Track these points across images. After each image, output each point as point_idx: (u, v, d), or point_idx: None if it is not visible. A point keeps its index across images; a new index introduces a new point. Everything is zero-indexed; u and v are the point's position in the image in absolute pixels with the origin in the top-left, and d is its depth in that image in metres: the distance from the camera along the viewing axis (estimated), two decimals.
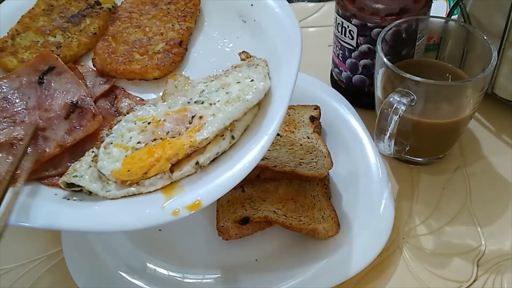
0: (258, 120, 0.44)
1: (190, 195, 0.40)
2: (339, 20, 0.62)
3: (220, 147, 0.43)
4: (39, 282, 0.53)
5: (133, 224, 0.39)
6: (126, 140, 0.44)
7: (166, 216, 0.39)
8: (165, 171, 0.41)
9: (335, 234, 0.53)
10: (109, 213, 0.41)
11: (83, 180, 0.43)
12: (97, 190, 0.42)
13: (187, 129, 0.43)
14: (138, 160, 0.42)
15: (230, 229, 0.52)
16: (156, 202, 0.40)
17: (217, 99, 0.45)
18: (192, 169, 0.42)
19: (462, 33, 0.59)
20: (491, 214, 0.56)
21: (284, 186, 0.56)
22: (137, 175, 0.41)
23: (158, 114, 0.45)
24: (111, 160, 0.43)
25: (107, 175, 0.42)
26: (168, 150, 0.42)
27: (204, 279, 0.52)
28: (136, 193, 0.42)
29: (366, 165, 0.58)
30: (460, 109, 0.55)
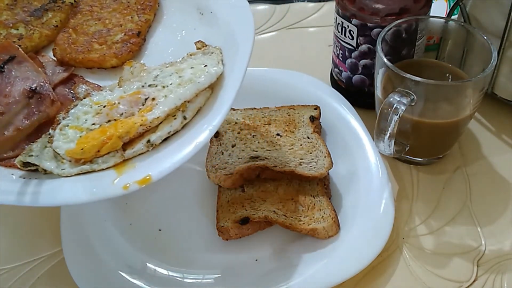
0: (210, 103, 0.46)
1: (141, 171, 0.42)
2: (339, 20, 0.62)
3: (172, 126, 0.44)
4: (39, 282, 0.53)
5: (86, 198, 0.41)
6: (81, 122, 0.46)
7: (116, 190, 0.41)
8: (117, 149, 0.43)
9: (335, 234, 0.53)
10: (63, 188, 0.42)
11: (38, 159, 0.44)
12: (52, 168, 0.44)
13: (140, 110, 0.45)
14: (91, 139, 0.44)
15: (230, 229, 0.52)
16: (108, 178, 0.42)
17: (170, 82, 0.47)
18: (144, 148, 0.44)
19: (462, 33, 0.59)
20: (491, 214, 0.56)
21: (284, 186, 0.56)
22: (90, 153, 0.43)
23: (113, 98, 0.47)
24: (66, 140, 0.45)
25: (61, 154, 0.44)
26: (120, 129, 0.44)
27: (204, 279, 0.52)
28: (89, 170, 0.43)
29: (366, 165, 0.58)
30: (460, 109, 0.55)
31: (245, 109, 0.65)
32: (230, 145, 0.60)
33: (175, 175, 0.60)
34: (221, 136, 0.61)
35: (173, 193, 0.60)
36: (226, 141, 0.60)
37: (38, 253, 0.55)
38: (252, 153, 0.58)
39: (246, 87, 0.68)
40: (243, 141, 0.60)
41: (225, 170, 0.56)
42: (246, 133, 0.61)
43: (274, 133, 0.61)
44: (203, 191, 0.60)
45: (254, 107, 0.65)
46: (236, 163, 0.57)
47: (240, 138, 0.60)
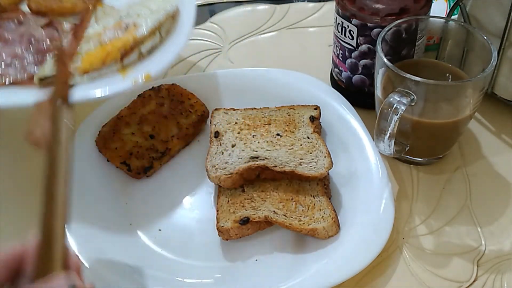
0: (175, 27, 0.62)
1: (141, 71, 0.56)
2: (339, 20, 0.62)
3: (154, 41, 0.59)
4: None
5: (104, 92, 0.54)
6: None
7: (127, 83, 0.55)
8: (117, 59, 0.56)
9: (335, 234, 0.53)
10: (82, 89, 0.54)
11: (53, 73, 0.54)
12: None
13: (125, 32, 0.58)
14: (94, 54, 0.56)
15: (230, 229, 0.52)
16: (117, 78, 0.56)
17: (142, 12, 0.60)
18: (136, 57, 0.58)
19: (462, 33, 0.59)
20: (491, 214, 0.57)
21: (284, 186, 0.56)
22: (97, 64, 0.56)
23: (98, 30, 0.59)
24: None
25: (71, 71, 0.53)
26: (117, 43, 0.57)
27: (204, 279, 0.52)
28: (98, 76, 0.56)
29: (366, 165, 0.58)
30: (460, 109, 0.55)
31: (245, 109, 0.65)
32: (230, 145, 0.60)
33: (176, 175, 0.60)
34: (221, 136, 0.61)
35: (173, 193, 0.60)
36: (226, 141, 0.60)
37: None
38: (252, 153, 0.58)
39: (246, 87, 0.69)
40: (243, 141, 0.60)
41: (225, 170, 0.56)
42: (246, 133, 0.61)
43: (274, 133, 0.61)
44: (203, 191, 0.60)
45: (254, 107, 0.65)
46: (236, 163, 0.57)
47: (240, 138, 0.60)
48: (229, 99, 0.67)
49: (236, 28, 0.84)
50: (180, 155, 0.63)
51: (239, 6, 0.89)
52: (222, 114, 0.64)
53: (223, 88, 0.69)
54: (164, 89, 0.66)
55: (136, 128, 0.63)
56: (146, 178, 0.61)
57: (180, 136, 0.62)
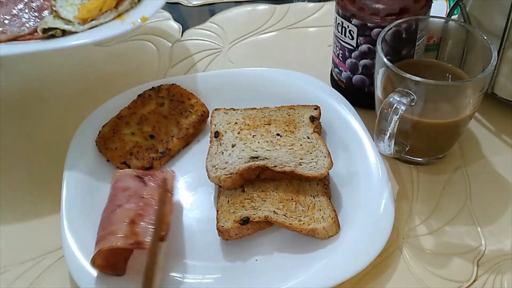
0: None
1: (137, 15, 0.62)
2: (339, 20, 0.62)
3: None
4: (39, 282, 0.53)
5: (105, 34, 0.60)
6: (71, 1, 0.64)
7: (127, 26, 0.61)
8: (112, 7, 0.62)
9: (335, 234, 0.53)
10: (86, 34, 0.60)
11: (56, 24, 0.60)
12: (69, 28, 0.60)
13: None
14: (91, 3, 0.62)
15: (230, 229, 0.52)
16: (116, 23, 0.62)
17: None
18: (128, 5, 0.64)
19: (462, 33, 0.59)
20: (491, 214, 0.56)
21: (284, 186, 0.56)
22: (95, 12, 0.61)
23: None
24: (69, 12, 0.62)
25: (71, 19, 0.61)
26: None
27: (204, 279, 0.51)
28: (97, 24, 0.62)
29: (366, 165, 0.58)
30: (460, 109, 0.55)
31: (245, 109, 0.65)
32: (230, 145, 0.60)
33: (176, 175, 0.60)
34: (221, 136, 0.61)
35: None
36: (226, 141, 0.60)
37: (38, 253, 0.55)
38: (252, 153, 0.58)
39: (246, 87, 0.69)
40: (243, 141, 0.60)
41: (225, 170, 0.56)
42: (246, 133, 0.61)
43: (274, 133, 0.61)
44: (202, 191, 0.60)
45: (254, 107, 0.65)
46: (236, 163, 0.57)
47: (240, 138, 0.60)
48: (229, 99, 0.67)
49: (236, 28, 0.84)
50: (180, 155, 0.63)
51: (239, 6, 0.89)
52: (222, 114, 0.64)
53: (223, 88, 0.69)
54: (164, 89, 0.66)
55: (136, 128, 0.63)
56: None
57: (180, 136, 0.62)
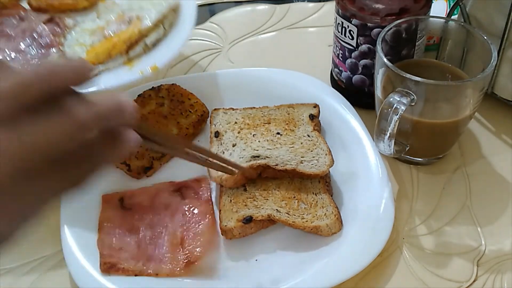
0: (178, 20, 0.63)
1: (147, 63, 0.57)
2: (339, 20, 0.62)
3: (158, 33, 0.60)
4: (39, 282, 0.53)
5: (113, 82, 0.54)
6: (82, 41, 0.59)
7: (135, 74, 0.56)
8: (122, 52, 0.58)
9: (338, 231, 0.53)
10: (90, 81, 0.54)
11: None
12: None
13: (129, 26, 0.59)
14: (100, 47, 0.58)
15: (233, 229, 0.52)
16: (124, 70, 0.57)
17: (145, 5, 0.62)
18: (141, 50, 0.59)
19: (462, 33, 0.59)
20: (491, 214, 0.56)
21: (286, 184, 0.56)
22: (104, 55, 0.57)
23: (100, 23, 0.61)
24: (76, 53, 0.58)
25: None
26: (123, 36, 0.58)
27: (204, 279, 0.51)
28: (104, 69, 0.58)
29: (366, 165, 0.58)
30: (460, 109, 0.55)
31: (244, 109, 0.65)
32: (230, 144, 0.60)
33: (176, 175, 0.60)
34: (221, 136, 0.61)
35: None
36: (227, 141, 0.60)
37: (38, 253, 0.55)
38: (253, 152, 0.58)
39: (246, 87, 0.69)
40: (244, 141, 0.60)
41: None
42: (247, 133, 0.61)
43: (274, 132, 0.61)
44: None
45: (254, 107, 0.65)
46: (237, 162, 0.57)
47: (241, 138, 0.60)
48: (229, 99, 0.67)
49: (236, 28, 0.84)
50: None
51: (239, 6, 0.89)
52: (222, 114, 0.64)
53: (223, 88, 0.69)
54: (164, 89, 0.66)
55: None
56: (146, 178, 0.60)
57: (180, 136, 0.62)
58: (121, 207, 0.56)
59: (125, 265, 0.51)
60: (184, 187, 0.58)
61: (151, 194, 0.58)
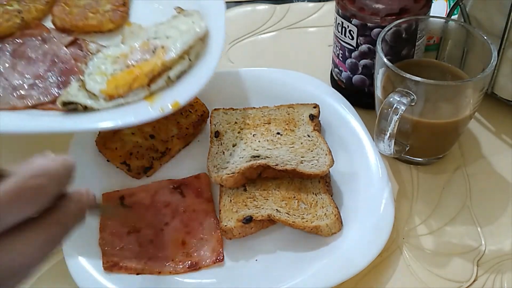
0: (204, 50, 0.58)
1: (169, 98, 0.52)
2: (339, 20, 0.62)
3: (183, 65, 0.55)
4: (39, 282, 0.53)
5: (131, 121, 0.51)
6: (103, 70, 0.55)
7: (155, 112, 0.51)
8: (144, 85, 0.53)
9: (338, 231, 0.53)
10: (108, 116, 0.52)
11: (78, 98, 0.53)
12: (92, 104, 0.52)
13: (153, 56, 0.55)
14: (121, 78, 0.54)
15: (233, 229, 0.52)
16: (144, 106, 0.53)
17: (171, 34, 0.57)
18: (164, 83, 0.54)
19: (462, 33, 0.59)
20: (491, 214, 0.57)
21: (286, 184, 0.56)
22: (124, 89, 0.53)
23: (124, 50, 0.57)
24: (96, 83, 0.54)
25: (97, 93, 0.53)
26: (145, 68, 0.54)
27: (204, 279, 0.51)
28: (124, 103, 0.53)
29: (366, 165, 0.58)
30: (460, 109, 0.55)
31: (244, 109, 0.65)
32: (230, 144, 0.60)
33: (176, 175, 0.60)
34: (221, 136, 0.61)
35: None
36: (227, 141, 0.60)
37: None
38: (253, 152, 0.58)
39: (246, 87, 0.68)
40: (244, 141, 0.60)
41: (226, 169, 0.56)
42: (247, 133, 0.61)
43: (274, 132, 0.61)
44: None
45: (254, 107, 0.65)
46: (237, 162, 0.57)
47: (241, 138, 0.60)
48: (229, 99, 0.67)
49: (236, 28, 0.84)
50: (180, 155, 0.63)
51: (239, 6, 0.89)
52: (222, 114, 0.64)
53: (223, 88, 0.69)
54: None
55: (136, 128, 0.63)
56: (146, 178, 0.60)
57: (180, 136, 0.62)
58: (122, 206, 0.56)
59: (128, 264, 0.51)
60: (184, 185, 0.58)
61: (151, 192, 0.58)
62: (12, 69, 0.57)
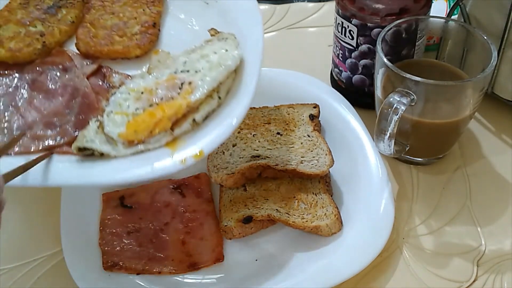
0: (237, 84, 0.50)
1: (193, 147, 0.46)
2: (339, 20, 0.62)
3: (211, 106, 0.48)
4: (39, 282, 0.53)
5: (148, 174, 0.44)
6: (124, 108, 0.48)
7: (176, 164, 0.44)
8: (166, 129, 0.47)
9: (338, 231, 0.53)
10: (124, 167, 0.45)
11: (94, 143, 0.47)
12: (109, 151, 0.46)
13: (179, 93, 0.49)
14: (142, 122, 0.47)
15: (233, 228, 0.52)
16: (164, 155, 0.46)
17: (200, 67, 0.50)
18: (189, 126, 0.48)
19: (462, 33, 0.59)
20: (491, 214, 0.57)
21: (286, 184, 0.56)
22: (144, 134, 0.47)
23: (149, 84, 0.50)
24: (115, 125, 0.48)
25: (115, 138, 0.47)
26: (168, 111, 0.47)
27: (204, 279, 0.52)
28: (143, 150, 0.47)
29: (366, 165, 0.58)
30: (460, 109, 0.55)
31: None
32: (230, 144, 0.60)
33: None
34: None
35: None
36: (227, 141, 0.60)
37: (38, 253, 0.55)
38: (253, 152, 0.58)
39: None
40: (244, 141, 0.60)
41: (226, 169, 0.56)
42: (247, 133, 0.61)
43: (274, 132, 0.61)
44: None
45: (253, 107, 0.65)
46: (237, 162, 0.57)
47: (241, 138, 0.60)
48: None
49: None
50: None
51: None
52: None
53: None
54: None
55: None
56: None
57: None
58: (122, 206, 0.56)
59: (128, 264, 0.51)
60: (184, 185, 0.58)
61: (151, 192, 0.58)
62: (29, 104, 0.52)
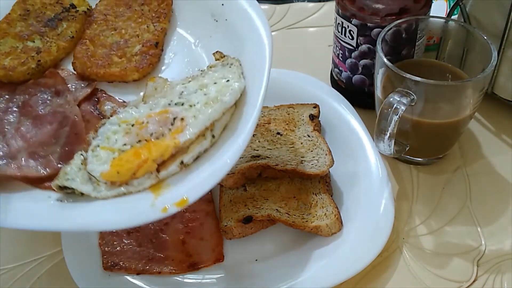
0: (235, 119, 0.46)
1: (177, 193, 0.42)
2: (339, 20, 0.62)
3: (202, 146, 0.45)
4: (39, 282, 0.53)
5: (126, 222, 0.41)
6: (112, 143, 0.46)
7: (156, 213, 0.41)
8: (152, 171, 0.44)
9: (338, 231, 0.53)
10: (102, 212, 0.42)
11: (74, 182, 0.44)
12: (89, 191, 0.44)
13: (169, 130, 0.45)
14: (125, 162, 0.44)
15: (233, 228, 0.52)
16: (146, 200, 0.42)
17: (196, 100, 0.46)
18: (177, 168, 0.44)
19: (462, 33, 0.59)
20: (491, 214, 0.57)
21: (286, 184, 0.56)
22: (126, 176, 0.43)
23: (141, 116, 0.47)
24: (99, 162, 0.45)
25: (97, 177, 0.44)
26: (154, 152, 0.44)
27: (204, 279, 0.52)
28: (125, 192, 0.44)
29: (366, 165, 0.58)
30: (460, 109, 0.55)
31: None
32: None
33: None
34: None
35: None
36: None
37: (38, 253, 0.55)
38: (253, 152, 0.58)
39: None
40: None
41: None
42: None
43: (274, 132, 0.61)
44: None
45: None
46: (237, 162, 0.56)
47: None
48: None
49: None
50: None
51: None
52: None
53: None
54: None
55: None
56: None
57: None
58: None
59: (128, 264, 0.51)
60: None
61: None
62: (16, 131, 0.49)
